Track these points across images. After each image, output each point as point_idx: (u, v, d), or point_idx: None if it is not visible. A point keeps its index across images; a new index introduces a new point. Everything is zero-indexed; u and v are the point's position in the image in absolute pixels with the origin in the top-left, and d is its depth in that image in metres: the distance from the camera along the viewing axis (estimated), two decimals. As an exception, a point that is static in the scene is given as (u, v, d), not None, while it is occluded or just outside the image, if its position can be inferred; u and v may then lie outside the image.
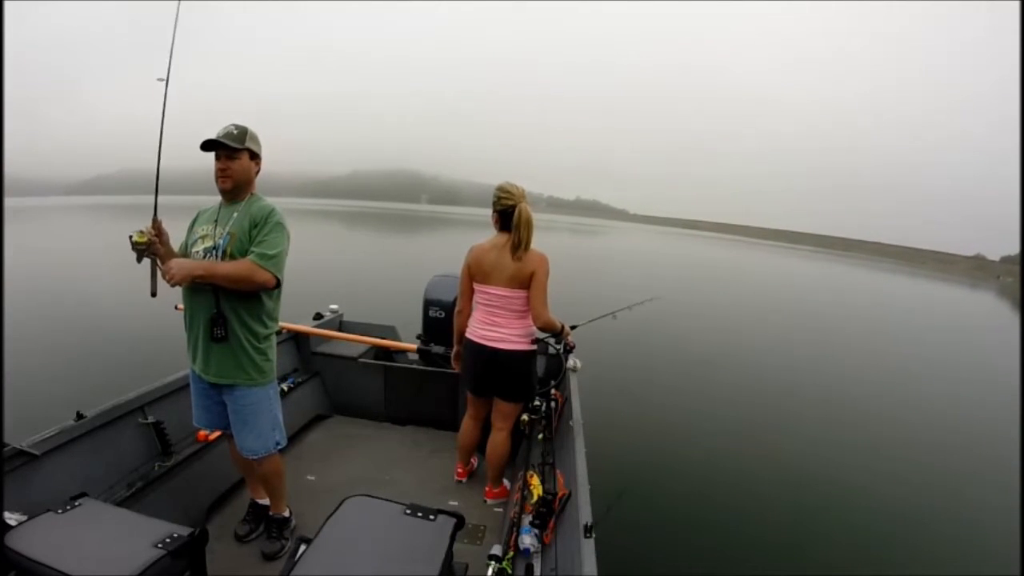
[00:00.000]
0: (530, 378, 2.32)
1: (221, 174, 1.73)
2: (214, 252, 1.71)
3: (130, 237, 1.63)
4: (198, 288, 1.71)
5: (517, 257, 2.13)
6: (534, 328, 2.25)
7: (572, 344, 2.52)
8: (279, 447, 1.92)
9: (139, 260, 1.68)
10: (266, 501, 2.12)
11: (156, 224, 1.73)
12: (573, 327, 2.53)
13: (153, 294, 1.72)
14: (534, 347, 2.28)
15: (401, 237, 32.29)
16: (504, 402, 2.34)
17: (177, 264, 1.61)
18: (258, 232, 1.71)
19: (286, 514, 2.08)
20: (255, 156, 1.81)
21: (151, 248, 1.68)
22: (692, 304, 12.31)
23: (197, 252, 1.76)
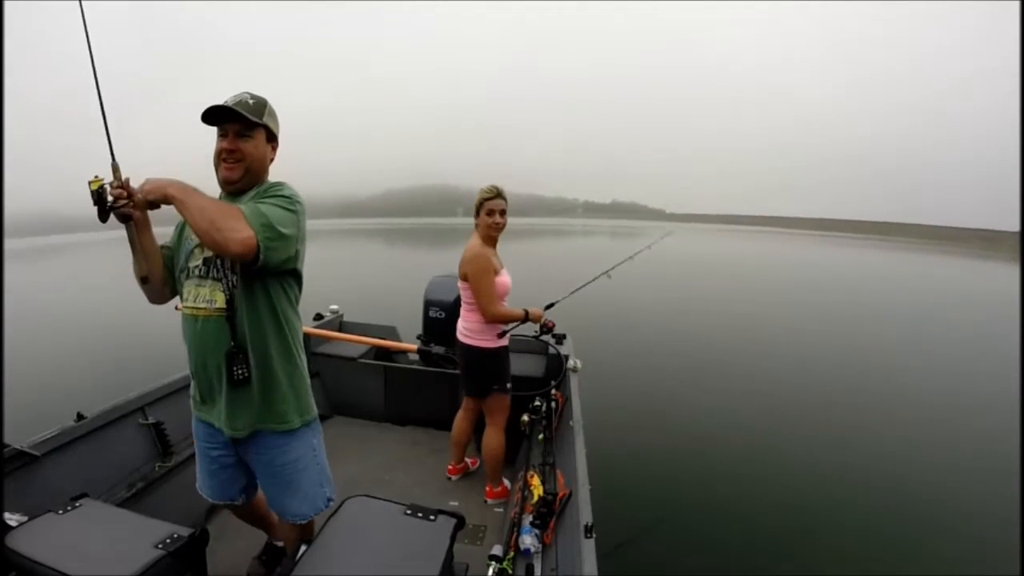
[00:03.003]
0: (483, 371, 2.33)
1: (228, 157, 1.29)
2: (217, 262, 1.30)
3: (89, 183, 1.18)
4: (204, 316, 1.31)
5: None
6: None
7: (551, 324, 2.43)
8: (331, 503, 1.51)
9: (103, 218, 1.20)
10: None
11: (117, 175, 1.23)
12: (549, 305, 2.46)
13: (143, 279, 1.34)
14: (486, 341, 2.27)
15: (435, 252, 29.50)
16: (481, 397, 2.40)
17: (154, 179, 1.21)
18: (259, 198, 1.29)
19: None
20: (272, 138, 1.39)
21: (118, 204, 1.20)
22: (706, 301, 12.13)
23: (196, 266, 1.34)
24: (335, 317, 3.64)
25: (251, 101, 1.31)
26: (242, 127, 1.29)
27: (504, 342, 2.33)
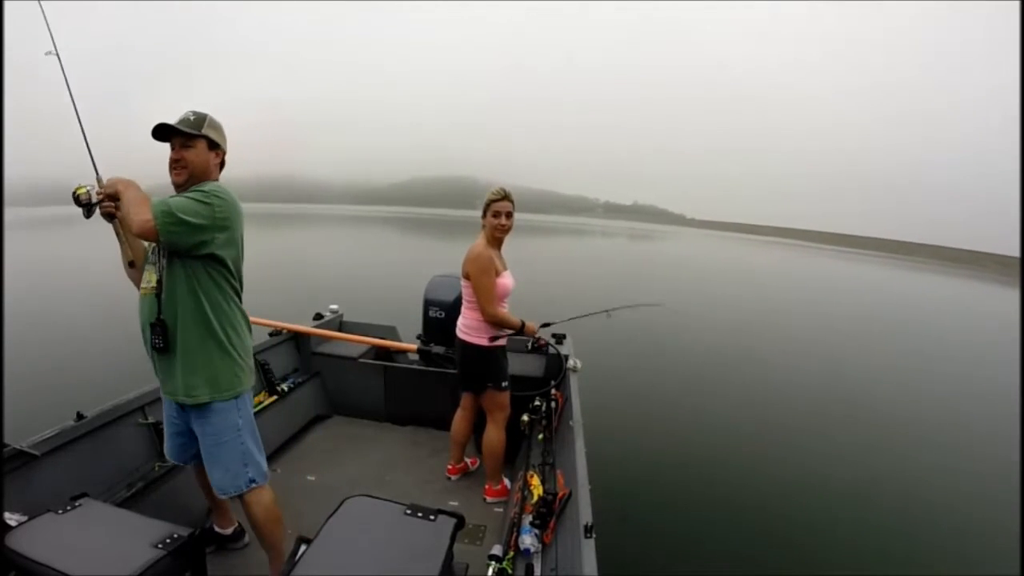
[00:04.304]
0: (477, 368, 2.35)
1: (174, 165, 1.56)
2: (158, 250, 1.53)
3: (75, 190, 1.46)
4: (144, 294, 1.56)
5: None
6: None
7: (543, 343, 2.59)
8: (254, 485, 1.65)
9: (87, 215, 1.49)
10: (227, 531, 1.97)
11: (101, 184, 1.51)
12: (546, 324, 2.57)
13: (130, 264, 1.61)
14: (482, 339, 2.30)
15: (441, 243, 29.45)
16: (475, 393, 2.43)
17: (113, 177, 1.47)
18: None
19: None
20: (215, 146, 1.62)
21: (103, 206, 1.47)
22: (717, 307, 12.02)
23: (150, 254, 1.60)
24: (335, 317, 3.64)
25: (192, 117, 1.57)
26: (184, 139, 1.55)
27: (501, 341, 2.34)
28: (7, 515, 1.37)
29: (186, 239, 1.43)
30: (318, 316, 3.55)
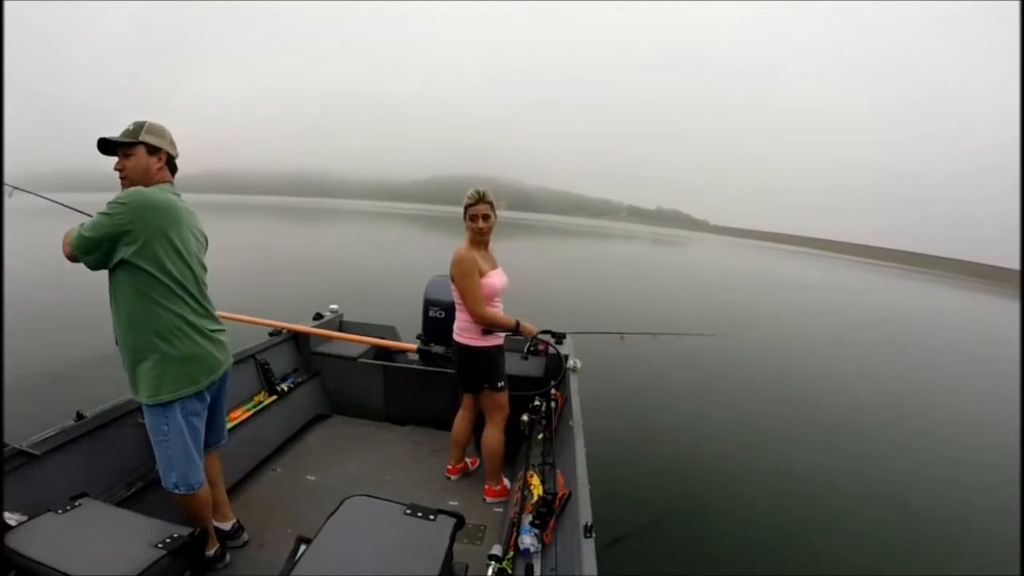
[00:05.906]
0: (473, 369, 2.36)
1: (119, 173, 1.66)
2: None
3: None
4: None
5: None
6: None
7: (542, 348, 2.59)
8: (177, 490, 1.68)
9: None
10: (226, 526, 2.04)
11: None
12: (547, 331, 2.57)
13: None
14: (477, 340, 2.30)
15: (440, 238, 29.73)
16: (475, 394, 2.43)
17: None
18: None
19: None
20: (156, 150, 1.68)
21: None
22: (719, 312, 11.93)
23: None
24: (335, 317, 3.64)
25: (131, 127, 1.67)
26: (125, 148, 1.65)
27: (497, 341, 2.33)
28: (7, 515, 1.37)
29: (91, 254, 1.54)
30: (318, 316, 3.55)
